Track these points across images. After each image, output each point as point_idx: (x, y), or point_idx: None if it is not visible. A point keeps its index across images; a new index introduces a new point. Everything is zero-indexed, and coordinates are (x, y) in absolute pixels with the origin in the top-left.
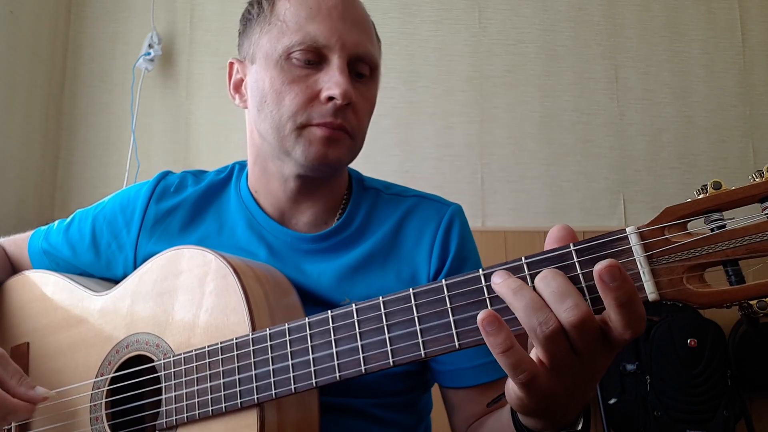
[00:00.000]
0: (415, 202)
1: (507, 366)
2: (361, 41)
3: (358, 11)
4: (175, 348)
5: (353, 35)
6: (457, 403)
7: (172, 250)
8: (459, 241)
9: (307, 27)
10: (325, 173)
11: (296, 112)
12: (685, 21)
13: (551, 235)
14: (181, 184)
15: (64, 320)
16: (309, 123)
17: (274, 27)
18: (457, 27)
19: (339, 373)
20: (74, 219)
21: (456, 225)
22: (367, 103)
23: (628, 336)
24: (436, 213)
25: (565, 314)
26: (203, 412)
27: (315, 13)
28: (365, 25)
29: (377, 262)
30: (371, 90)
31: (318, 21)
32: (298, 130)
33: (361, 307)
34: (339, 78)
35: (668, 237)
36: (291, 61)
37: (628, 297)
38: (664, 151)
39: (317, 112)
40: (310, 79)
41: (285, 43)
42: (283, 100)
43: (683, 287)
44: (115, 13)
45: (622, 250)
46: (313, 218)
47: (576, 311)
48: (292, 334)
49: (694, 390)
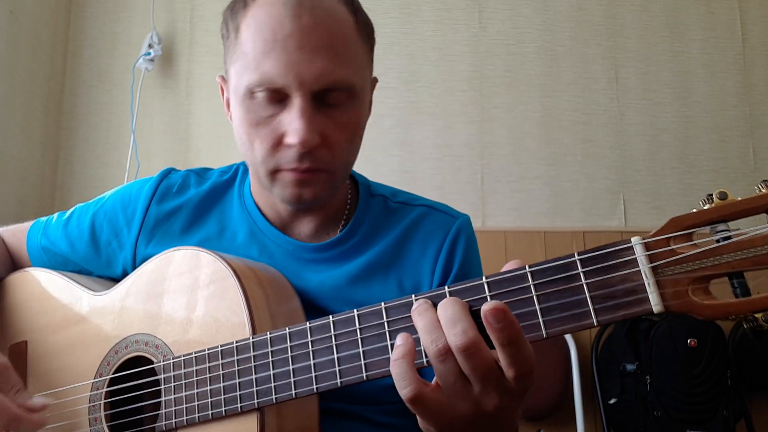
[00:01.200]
0: (423, 212)
1: (394, 376)
2: (325, 71)
3: (322, 32)
4: (174, 350)
5: (314, 67)
6: None
7: (172, 251)
8: (464, 256)
9: (263, 64)
10: (307, 208)
11: (265, 158)
12: (685, 21)
13: None
14: (183, 184)
15: (63, 320)
16: (279, 168)
17: (239, 58)
18: (457, 27)
19: (340, 379)
20: (73, 214)
21: (462, 239)
22: (343, 132)
23: (512, 374)
24: (442, 225)
25: (454, 338)
26: (203, 415)
27: (270, 46)
28: (335, 44)
29: (380, 273)
30: (349, 115)
31: (273, 56)
32: (271, 175)
33: (363, 313)
34: (298, 124)
35: (673, 248)
36: (254, 100)
37: (510, 339)
38: (664, 151)
39: (284, 157)
40: (274, 121)
41: (245, 81)
42: (253, 144)
43: (688, 299)
44: (115, 13)
45: (626, 260)
46: (315, 228)
47: (463, 336)
48: (293, 339)
49: (694, 390)
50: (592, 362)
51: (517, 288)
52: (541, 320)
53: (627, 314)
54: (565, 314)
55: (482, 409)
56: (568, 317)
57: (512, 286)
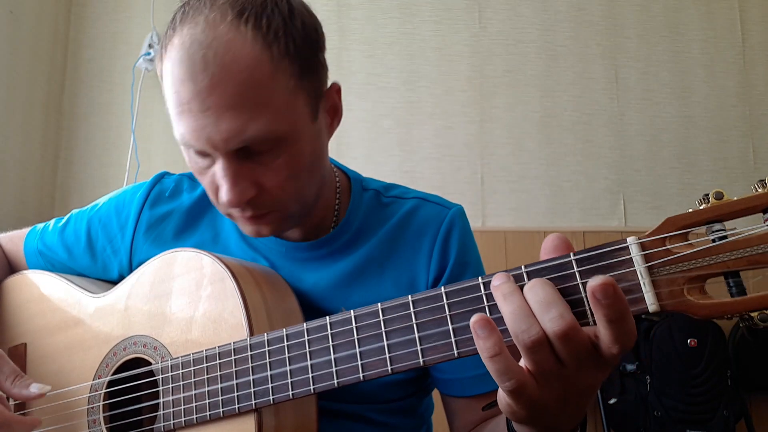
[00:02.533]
0: (415, 204)
1: (494, 372)
2: (232, 132)
3: (223, 89)
4: (172, 351)
5: (222, 129)
6: (456, 411)
7: (170, 253)
8: (459, 247)
9: (179, 127)
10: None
11: (214, 202)
12: (685, 21)
13: (545, 245)
14: (176, 188)
15: (62, 321)
16: (228, 213)
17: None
18: (457, 27)
19: (337, 379)
20: (70, 220)
21: (456, 229)
22: (280, 175)
23: (615, 350)
24: (435, 216)
25: (550, 324)
26: (201, 416)
27: (179, 110)
28: (242, 97)
29: (374, 269)
30: (283, 158)
31: (183, 121)
32: (228, 215)
33: (360, 314)
34: (223, 186)
35: (669, 248)
36: (190, 152)
37: (620, 314)
38: (664, 151)
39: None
40: (209, 173)
41: (176, 133)
42: (202, 183)
43: (684, 299)
44: (115, 13)
45: (622, 260)
46: (307, 230)
47: (560, 321)
48: (290, 339)
49: (694, 390)
50: None
51: None
52: None
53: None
54: None
55: (577, 388)
56: None
57: None
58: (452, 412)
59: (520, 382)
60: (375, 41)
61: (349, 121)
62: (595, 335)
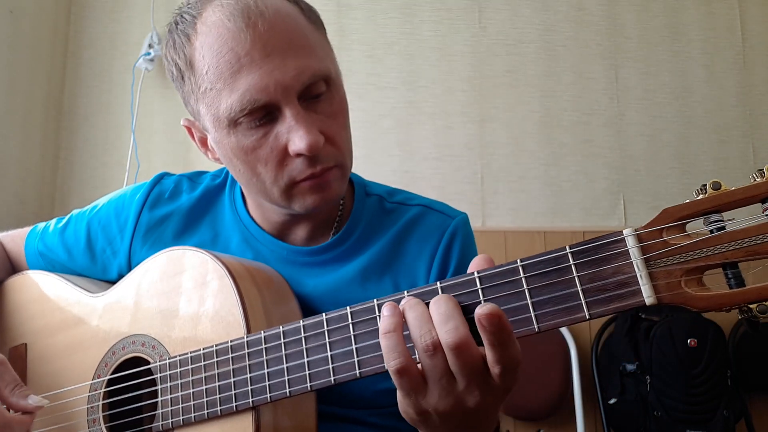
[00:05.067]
0: (419, 212)
1: (384, 348)
2: (300, 68)
3: (280, 32)
4: (170, 350)
5: (289, 68)
6: None
7: (168, 251)
8: (460, 256)
9: (237, 86)
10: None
11: (275, 177)
12: (685, 21)
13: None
14: (176, 189)
15: (62, 322)
16: (293, 181)
17: (206, 92)
18: (457, 27)
19: (334, 376)
20: (70, 220)
21: (458, 238)
22: (337, 122)
23: (497, 371)
24: (439, 225)
25: (445, 335)
26: (199, 414)
27: (237, 67)
28: (297, 39)
29: (375, 275)
30: (335, 100)
31: (244, 74)
32: (287, 191)
33: (356, 310)
34: (299, 131)
35: (666, 239)
36: (241, 126)
37: (501, 341)
38: (664, 151)
39: (295, 168)
40: (270, 137)
41: (225, 111)
42: (255, 169)
43: (681, 291)
44: (115, 13)
45: (618, 252)
46: (310, 233)
47: (454, 334)
48: (286, 336)
49: (694, 390)
50: (592, 362)
51: (508, 281)
52: (533, 314)
53: (619, 307)
54: (557, 308)
55: (465, 405)
56: (560, 311)
57: (503, 279)
58: None
59: (405, 362)
60: (375, 41)
61: None
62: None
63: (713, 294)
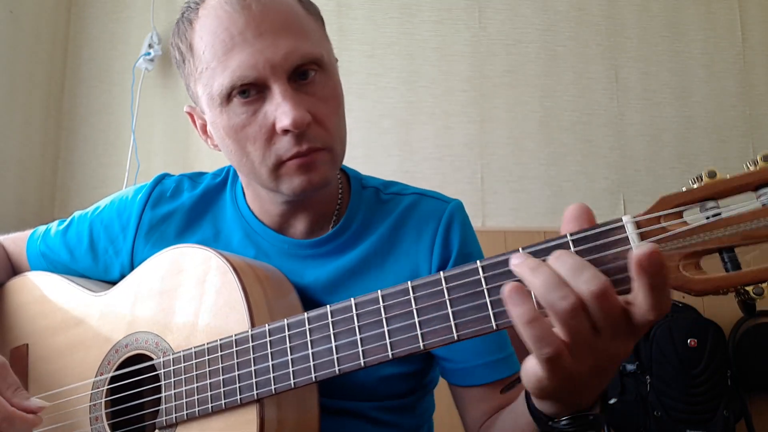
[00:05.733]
0: (414, 200)
1: (531, 338)
2: (291, 49)
3: (274, 14)
4: (174, 346)
5: (279, 48)
6: (468, 402)
7: (171, 249)
8: (461, 238)
9: (230, 64)
10: (317, 194)
11: (263, 156)
12: (685, 21)
13: (567, 215)
14: (177, 188)
15: (63, 321)
16: (280, 160)
17: (203, 72)
18: (457, 27)
19: (338, 366)
20: (72, 222)
21: (457, 221)
22: (328, 105)
23: (652, 317)
24: (435, 210)
25: (585, 285)
26: (203, 409)
27: (230, 45)
28: (290, 22)
29: (375, 264)
30: (327, 84)
31: (236, 53)
32: (274, 171)
33: (360, 301)
34: (285, 107)
35: (664, 225)
36: (232, 104)
37: (663, 281)
38: (664, 151)
39: (282, 147)
40: (259, 115)
41: (217, 88)
42: (245, 148)
43: (680, 275)
44: (115, 13)
45: (618, 239)
46: (309, 226)
47: (595, 281)
48: (291, 329)
49: (694, 390)
50: None
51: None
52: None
53: (620, 291)
54: None
55: (607, 357)
56: None
57: (505, 267)
58: (464, 404)
59: (557, 348)
60: (375, 41)
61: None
62: (626, 302)
63: (710, 277)
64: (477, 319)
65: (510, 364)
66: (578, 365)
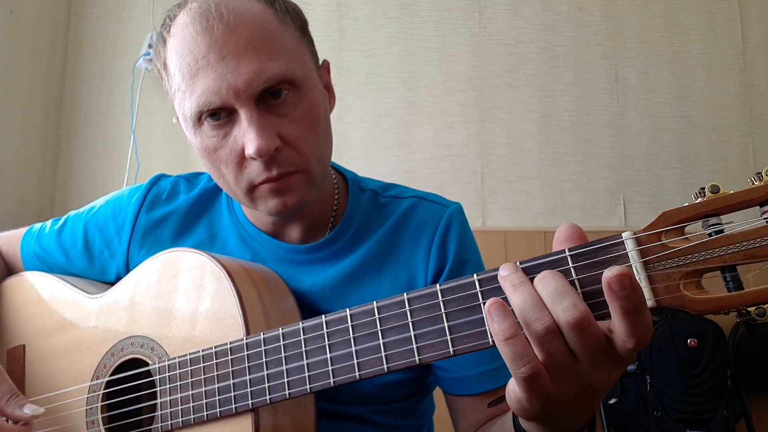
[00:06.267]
0: (413, 203)
1: (509, 356)
2: (255, 73)
3: (239, 35)
4: (169, 351)
5: (243, 72)
6: (460, 410)
7: (167, 253)
8: (458, 244)
9: (195, 89)
10: (296, 214)
11: (236, 178)
12: (685, 21)
13: (558, 235)
14: (173, 191)
15: (60, 323)
16: (252, 184)
17: (176, 93)
18: (457, 27)
19: (333, 378)
20: (66, 222)
21: (454, 227)
22: (301, 127)
23: (631, 345)
24: (433, 215)
25: (563, 313)
26: (198, 416)
27: (195, 69)
28: (256, 42)
29: (373, 270)
30: (301, 103)
31: (201, 78)
32: (249, 194)
33: (355, 312)
34: (250, 134)
35: (665, 242)
36: (204, 126)
37: (635, 306)
38: (664, 151)
39: (253, 172)
40: (230, 139)
41: (187, 111)
42: (220, 170)
43: (680, 294)
44: (115, 13)
45: (618, 255)
46: (304, 231)
47: (573, 311)
48: (286, 339)
49: (694, 390)
50: None
51: None
52: None
53: None
54: None
55: (590, 385)
56: None
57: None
58: (457, 412)
59: (534, 368)
60: (375, 41)
61: (349, 121)
62: (609, 329)
63: (711, 297)
64: (473, 335)
65: (502, 374)
66: (558, 389)
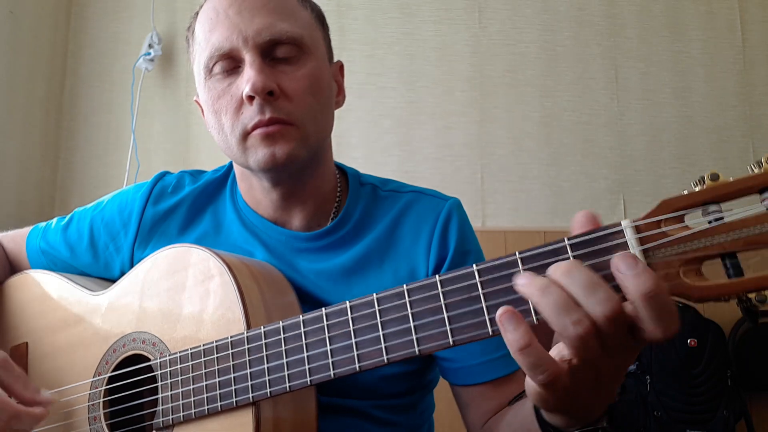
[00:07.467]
0: (412, 197)
1: (526, 365)
2: (266, 25)
3: None
4: (171, 347)
5: (255, 23)
6: (469, 401)
7: (167, 249)
8: (458, 236)
9: (211, 38)
10: (288, 171)
11: (233, 125)
12: (685, 21)
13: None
14: (178, 184)
15: (63, 320)
16: (246, 130)
17: (196, 52)
18: (457, 27)
19: (333, 370)
20: (72, 218)
21: (454, 219)
22: (300, 84)
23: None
24: (433, 208)
25: (599, 308)
26: (199, 411)
27: (215, 22)
28: (271, 5)
29: (374, 262)
30: (305, 65)
31: (218, 28)
32: (242, 142)
33: (355, 304)
34: (248, 73)
35: (665, 230)
36: (213, 78)
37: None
38: (664, 151)
39: (247, 116)
40: (233, 87)
41: (201, 61)
42: (220, 120)
43: (680, 281)
44: (115, 13)
45: (617, 244)
46: (306, 220)
47: (609, 304)
48: (286, 332)
49: (694, 390)
50: None
51: (507, 274)
52: (532, 306)
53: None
54: None
55: (609, 372)
56: None
57: (502, 272)
58: (465, 404)
59: (553, 374)
60: (375, 41)
61: (349, 121)
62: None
63: (711, 284)
64: (472, 325)
65: (509, 362)
66: (581, 382)
